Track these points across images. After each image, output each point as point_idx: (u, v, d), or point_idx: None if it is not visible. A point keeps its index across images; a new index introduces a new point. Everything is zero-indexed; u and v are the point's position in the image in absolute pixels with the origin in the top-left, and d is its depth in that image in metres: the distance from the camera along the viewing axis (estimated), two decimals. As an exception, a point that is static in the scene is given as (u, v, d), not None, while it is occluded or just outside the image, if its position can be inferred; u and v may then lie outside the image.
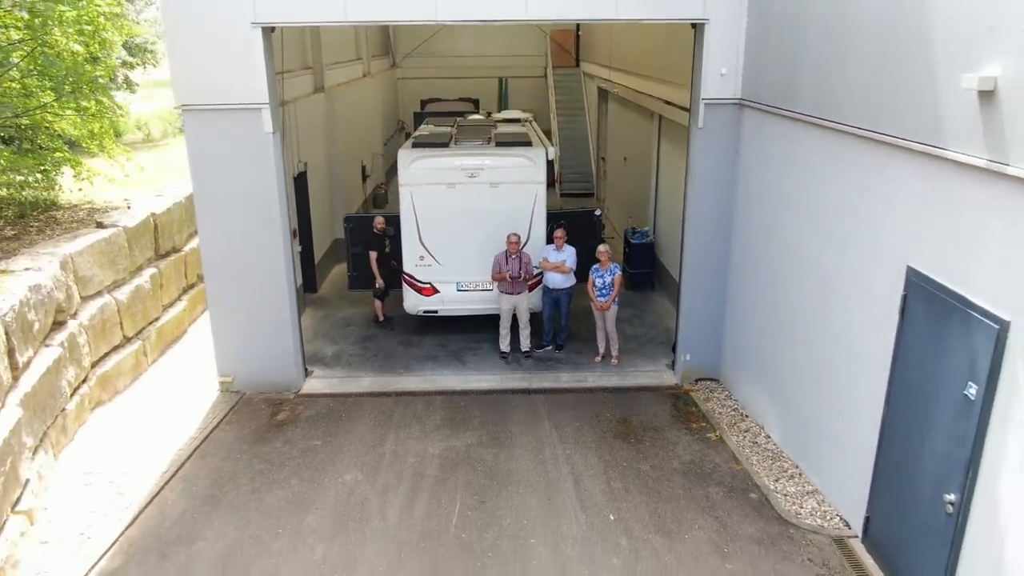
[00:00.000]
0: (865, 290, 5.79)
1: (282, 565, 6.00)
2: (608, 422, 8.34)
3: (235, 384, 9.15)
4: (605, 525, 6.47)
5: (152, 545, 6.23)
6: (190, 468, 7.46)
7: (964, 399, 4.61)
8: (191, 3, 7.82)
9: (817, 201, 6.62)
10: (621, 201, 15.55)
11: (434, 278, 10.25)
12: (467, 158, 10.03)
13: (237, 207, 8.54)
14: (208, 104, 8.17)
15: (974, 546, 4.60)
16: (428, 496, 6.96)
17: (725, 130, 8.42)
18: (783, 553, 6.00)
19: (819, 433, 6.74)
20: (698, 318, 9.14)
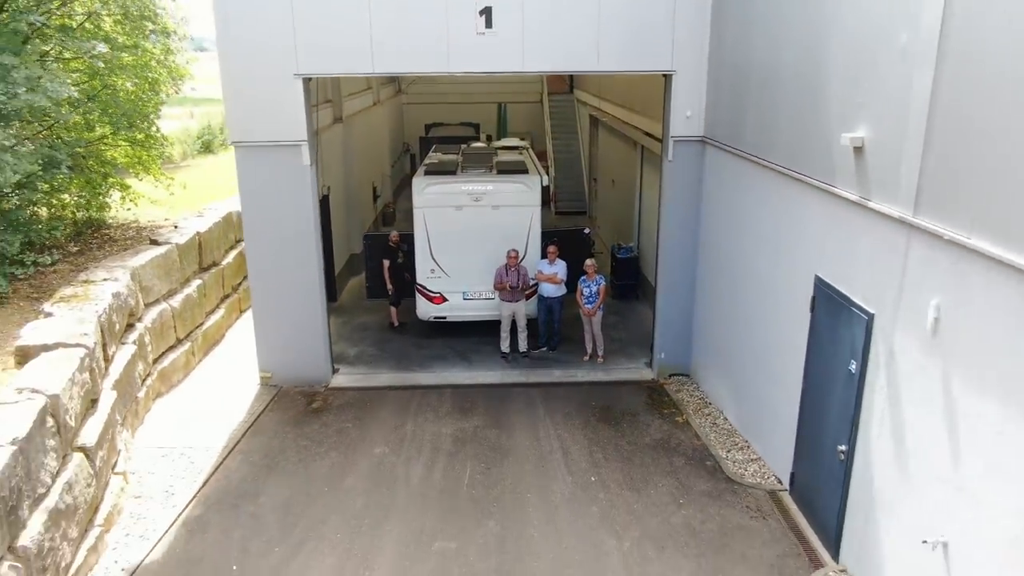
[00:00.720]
0: (790, 293, 7.50)
1: (331, 513, 7.65)
2: (593, 409, 10.01)
3: (273, 379, 10.81)
4: (587, 484, 8.13)
5: (224, 499, 7.89)
6: (244, 444, 9.11)
7: (848, 373, 6.31)
8: (245, 58, 9.57)
9: (758, 223, 8.36)
10: (610, 219, 17.31)
11: (443, 288, 11.96)
12: (472, 184, 11.78)
13: (278, 227, 10.24)
14: (257, 141, 9.90)
15: (857, 481, 6.28)
16: (444, 464, 8.62)
17: (690, 162, 10.19)
18: (726, 502, 7.68)
19: (762, 412, 8.44)
20: (671, 322, 10.85)
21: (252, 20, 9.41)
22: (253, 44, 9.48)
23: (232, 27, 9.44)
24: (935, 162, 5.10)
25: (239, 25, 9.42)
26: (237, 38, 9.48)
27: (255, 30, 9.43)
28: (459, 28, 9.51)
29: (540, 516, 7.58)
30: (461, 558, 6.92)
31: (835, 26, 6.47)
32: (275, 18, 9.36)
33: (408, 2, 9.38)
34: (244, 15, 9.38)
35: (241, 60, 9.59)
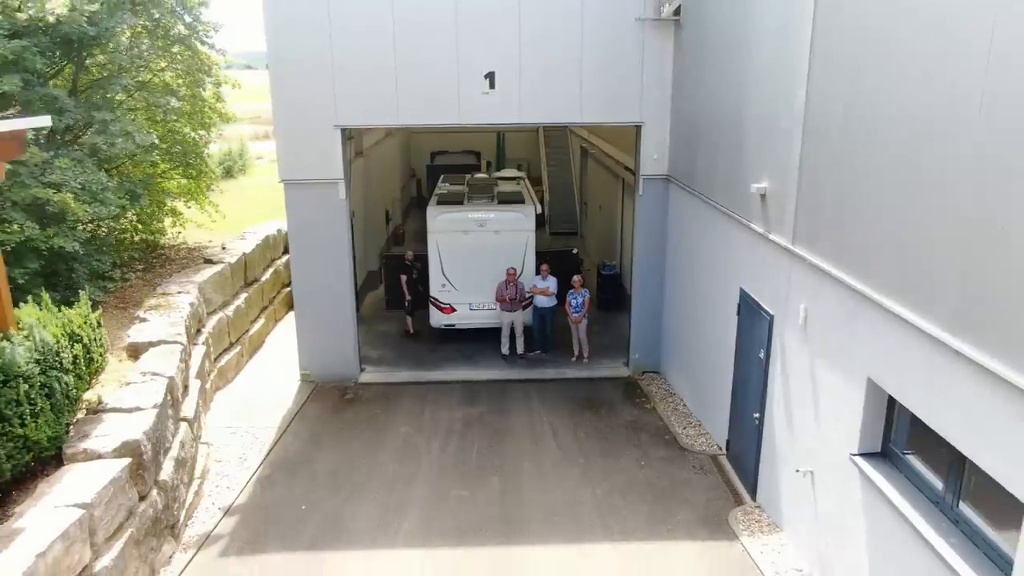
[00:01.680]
0: (724, 302, 9.92)
1: (370, 477, 9.99)
2: (578, 400, 12.39)
3: (311, 376, 13.19)
4: (571, 455, 10.49)
5: (285, 464, 10.25)
6: (295, 426, 11.48)
7: (759, 359, 8.72)
8: (294, 112, 12.03)
9: (704, 248, 10.80)
10: (597, 240, 19.77)
11: (453, 300, 14.38)
12: (477, 213, 14.24)
13: (319, 250, 12.66)
14: (303, 179, 12.34)
15: (766, 439, 8.67)
16: (456, 441, 10.98)
17: (657, 196, 12.65)
18: (678, 464, 10.06)
19: (707, 396, 10.82)
20: (644, 328, 13.26)
21: (300, 81, 11.87)
22: (300, 101, 11.94)
23: (284, 87, 11.92)
24: (802, 209, 7.55)
25: (289, 85, 11.89)
26: (288, 96, 11.95)
27: (302, 89, 11.89)
28: (468, 88, 12.00)
29: (533, 476, 9.94)
30: (472, 504, 9.27)
31: (750, 100, 8.94)
32: (319, 80, 11.83)
33: (427, 68, 11.86)
34: (294, 77, 11.84)
35: (291, 114, 12.05)
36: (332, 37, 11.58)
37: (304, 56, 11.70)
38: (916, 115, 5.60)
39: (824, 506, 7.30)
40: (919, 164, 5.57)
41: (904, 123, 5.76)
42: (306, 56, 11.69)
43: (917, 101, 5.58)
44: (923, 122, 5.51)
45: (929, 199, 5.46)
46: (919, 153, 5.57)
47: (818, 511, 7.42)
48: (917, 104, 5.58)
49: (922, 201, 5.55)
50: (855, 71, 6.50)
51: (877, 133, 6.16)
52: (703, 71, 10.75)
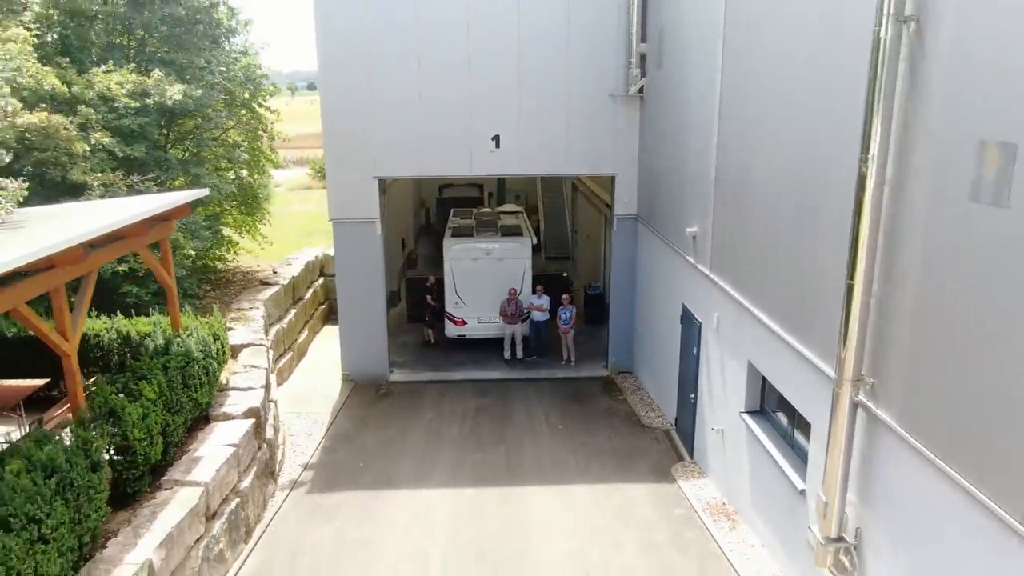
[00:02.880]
0: (672, 315, 13.53)
1: (405, 447, 13.53)
2: (566, 394, 15.96)
3: (351, 376, 16.75)
4: (558, 432, 14.06)
5: (341, 438, 13.81)
6: (343, 413, 15.04)
7: (694, 355, 12.34)
8: (343, 166, 15.69)
9: (661, 273, 14.45)
10: (585, 264, 23.45)
11: (464, 314, 17.98)
12: (484, 243, 17.89)
13: (358, 274, 16.28)
14: (347, 218, 16.00)
15: (699, 412, 12.26)
16: (470, 424, 14.54)
17: (629, 232, 16.32)
18: (638, 437, 13.64)
19: (664, 386, 14.41)
20: (619, 337, 16.87)
21: (347, 143, 15.54)
22: (348, 158, 15.62)
23: (335, 148, 15.61)
24: (715, 246, 11.22)
25: (339, 147, 15.58)
26: (338, 154, 15.64)
27: (349, 150, 15.56)
28: (479, 147, 15.69)
29: (530, 446, 13.51)
30: (485, 463, 12.82)
31: (686, 161, 12.61)
32: (362, 143, 15.51)
33: (446, 132, 15.54)
34: (343, 141, 15.52)
35: (340, 168, 15.74)
36: (373, 111, 15.28)
37: (351, 127, 15.39)
38: (767, 186, 9.28)
39: (729, 453, 10.89)
40: (770, 218, 9.24)
41: (760, 190, 9.45)
42: (353, 126, 15.38)
43: (767, 176, 9.26)
44: (771, 189, 9.19)
45: (775, 241, 9.12)
46: (770, 210, 9.24)
47: (726, 457, 11.01)
48: (767, 179, 9.26)
49: (770, 243, 9.21)
50: (739, 146, 10.20)
51: (748, 195, 9.84)
52: (658, 135, 14.48)
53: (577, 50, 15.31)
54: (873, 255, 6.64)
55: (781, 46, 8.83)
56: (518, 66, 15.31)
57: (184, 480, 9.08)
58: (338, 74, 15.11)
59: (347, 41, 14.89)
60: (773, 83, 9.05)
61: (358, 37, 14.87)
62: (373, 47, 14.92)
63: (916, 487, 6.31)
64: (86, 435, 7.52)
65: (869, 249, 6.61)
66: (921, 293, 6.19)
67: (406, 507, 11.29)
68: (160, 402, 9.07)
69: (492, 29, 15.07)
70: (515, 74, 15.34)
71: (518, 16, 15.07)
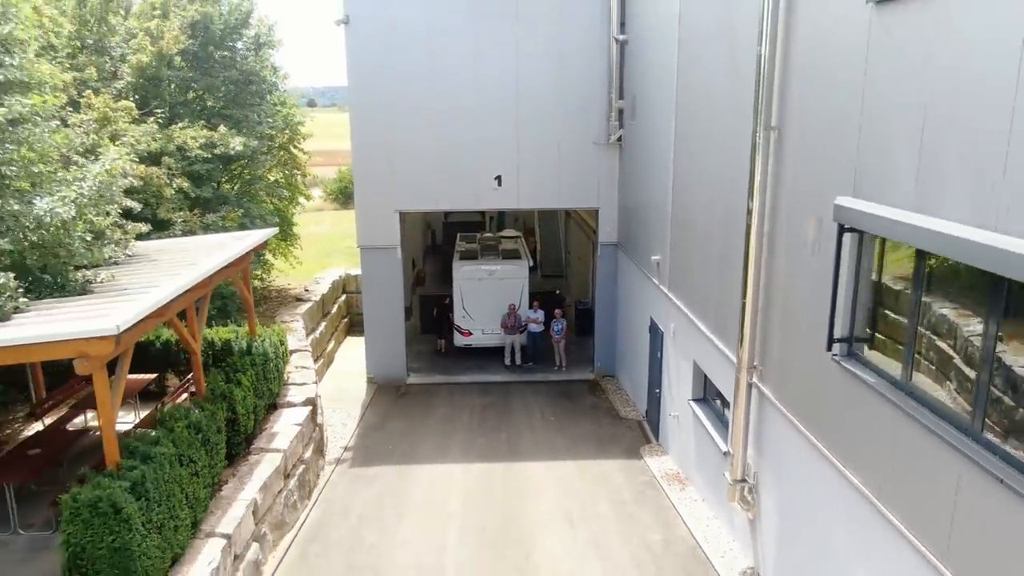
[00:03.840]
0: (643, 326, 16.91)
1: (425, 433, 16.87)
2: (557, 393, 19.31)
3: (375, 379, 20.09)
4: (550, 423, 17.41)
5: (372, 427, 17.14)
6: (371, 408, 18.38)
7: (658, 358, 15.71)
8: (370, 201, 19.11)
9: (635, 292, 17.84)
10: (576, 282, 26.86)
11: (470, 326, 21.34)
12: (487, 264, 21.28)
13: (381, 292, 19.66)
14: (373, 245, 19.40)
15: (663, 404, 15.62)
16: (477, 417, 17.87)
17: (611, 257, 19.75)
18: (616, 426, 17.00)
19: (637, 386, 17.76)
20: (604, 345, 20.25)
21: (374, 183, 18.96)
22: (374, 195, 19.03)
23: (363, 186, 19.03)
24: (672, 270, 14.62)
25: (367, 185, 19.00)
26: (365, 192, 19.06)
27: (375, 188, 18.97)
28: (484, 186, 19.11)
29: (527, 433, 16.84)
30: (490, 445, 16.14)
31: (652, 198, 16.02)
32: (386, 182, 18.91)
33: (456, 174, 18.95)
34: (370, 180, 18.93)
35: (367, 202, 19.14)
36: (395, 156, 18.69)
37: (377, 169, 18.81)
38: (703, 226, 12.68)
39: (682, 434, 14.22)
40: (705, 250, 12.63)
41: (699, 227, 12.85)
42: (378, 168, 18.80)
43: (702, 218, 12.67)
44: (705, 228, 12.59)
45: (708, 268, 12.51)
46: (705, 244, 12.64)
47: (680, 437, 14.35)
48: (703, 220, 12.68)
49: (705, 269, 12.61)
50: (686, 191, 13.61)
51: (692, 231, 13.25)
52: (632, 177, 17.91)
53: (567, 105, 18.78)
54: (757, 283, 10.03)
55: (707, 123, 12.25)
56: (517, 118, 18.77)
57: (268, 448, 12.42)
58: (366, 125, 18.54)
59: (374, 99, 18.33)
60: (704, 146, 12.48)
61: (383, 96, 18.31)
62: (396, 103, 18.36)
63: (786, 440, 9.66)
64: (213, 408, 10.87)
65: (754, 279, 10.00)
66: (783, 309, 9.58)
67: (429, 476, 14.60)
68: (251, 389, 12.42)
69: (496, 88, 18.53)
70: (515, 125, 18.79)
71: (516, 77, 18.54)
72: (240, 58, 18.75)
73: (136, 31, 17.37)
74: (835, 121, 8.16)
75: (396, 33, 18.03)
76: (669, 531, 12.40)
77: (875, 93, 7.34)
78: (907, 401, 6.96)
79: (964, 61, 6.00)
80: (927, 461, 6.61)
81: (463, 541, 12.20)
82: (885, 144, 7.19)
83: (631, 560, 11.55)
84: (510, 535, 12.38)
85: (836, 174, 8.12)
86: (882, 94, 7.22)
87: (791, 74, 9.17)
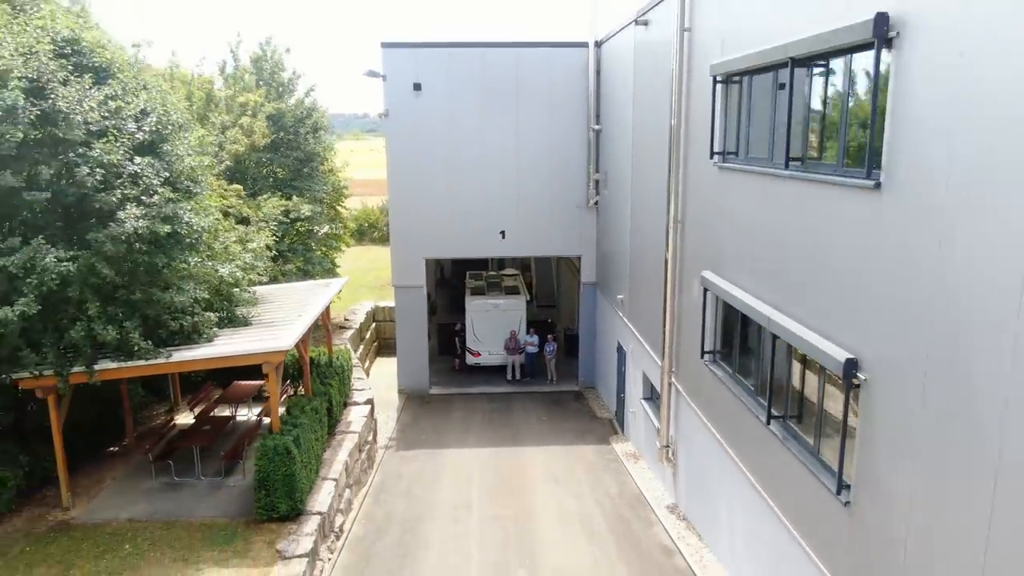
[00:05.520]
0: (612, 348, 23.26)
1: (448, 429, 23.16)
2: (549, 401, 25.64)
3: (404, 390, 26.40)
4: (543, 422, 23.72)
5: (406, 425, 23.46)
6: (404, 412, 24.70)
7: (622, 372, 22.06)
8: (403, 250, 25.53)
9: (608, 322, 24.23)
10: (565, 312, 33.28)
11: (479, 348, 27.68)
12: (493, 299, 27.69)
13: (410, 321, 26.04)
14: (405, 285, 25.80)
15: (625, 404, 21.94)
16: (487, 418, 24.19)
17: (591, 294, 26.19)
18: (593, 423, 23.34)
19: (609, 394, 24.09)
20: (586, 364, 26.63)
21: (406, 238, 25.38)
22: (405, 244, 25.46)
23: (398, 239, 25.47)
24: (630, 303, 21.02)
25: (400, 237, 25.42)
26: (399, 243, 25.49)
27: (407, 241, 25.40)
28: (491, 238, 25.59)
29: (525, 428, 23.15)
30: (498, 437, 22.44)
31: (620, 247, 22.42)
32: (415, 236, 25.34)
33: (469, 229, 25.40)
34: (402, 235, 25.36)
35: (400, 251, 25.56)
36: (422, 216, 25.14)
37: (408, 226, 25.27)
38: (646, 269, 19.09)
39: (639, 424, 20.51)
40: (650, 288, 19.01)
41: (644, 272, 19.26)
42: (409, 226, 25.26)
43: (646, 265, 19.09)
44: (645, 272, 19.00)
45: (649, 302, 18.90)
46: (649, 284, 19.04)
47: (638, 428, 20.65)
48: (646, 267, 19.10)
49: (647, 302, 19.00)
50: (638, 246, 20.03)
51: (640, 275, 19.66)
52: (605, 232, 24.38)
53: (555, 177, 25.31)
54: (672, 314, 16.40)
55: (647, 200, 18.66)
56: (517, 187, 25.27)
57: (347, 431, 18.70)
58: (400, 191, 25.01)
59: (406, 172, 24.82)
60: (646, 217, 18.88)
61: (413, 169, 24.81)
62: (423, 175, 24.85)
63: (688, 416, 15.97)
64: (319, 402, 17.16)
65: (670, 311, 16.38)
66: (684, 332, 15.95)
67: (453, 456, 20.85)
68: (337, 390, 18.71)
69: (500, 165, 25.05)
70: (515, 192, 25.29)
71: (517, 156, 25.08)
72: (303, 141, 25.25)
73: (229, 124, 23.88)
74: (704, 224, 14.62)
75: (423, 123, 24.57)
76: (623, 486, 18.68)
77: (717, 211, 13.80)
78: (734, 386, 13.31)
79: (744, 203, 12.45)
80: (743, 419, 12.96)
81: (481, 493, 18.44)
82: (721, 244, 13.64)
83: (595, 502, 17.81)
84: (514, 489, 18.63)
85: (706, 256, 14.54)
86: (720, 212, 13.67)
87: (687, 188, 15.63)
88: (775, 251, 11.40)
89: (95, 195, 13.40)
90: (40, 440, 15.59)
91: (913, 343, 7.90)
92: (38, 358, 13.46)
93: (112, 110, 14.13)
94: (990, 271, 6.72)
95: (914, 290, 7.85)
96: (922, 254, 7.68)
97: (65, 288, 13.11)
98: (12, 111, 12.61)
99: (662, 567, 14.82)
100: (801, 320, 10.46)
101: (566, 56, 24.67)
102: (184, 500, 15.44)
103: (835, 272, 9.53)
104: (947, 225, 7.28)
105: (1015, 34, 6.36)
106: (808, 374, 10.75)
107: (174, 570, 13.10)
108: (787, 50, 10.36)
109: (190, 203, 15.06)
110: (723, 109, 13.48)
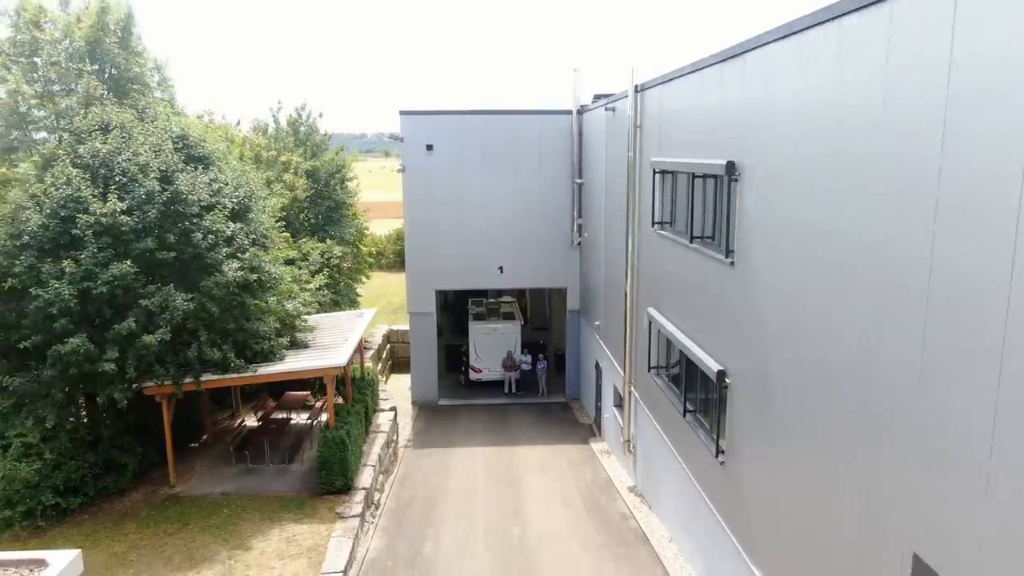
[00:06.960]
0: (592, 366, 28.91)
1: (455, 432, 28.81)
2: (540, 411, 31.28)
3: (417, 401, 32.01)
4: (535, 427, 29.36)
5: (421, 430, 29.12)
6: (418, 419, 30.39)
7: (599, 384, 27.71)
8: (416, 282, 31.24)
9: (589, 345, 29.91)
10: (556, 334, 38.95)
11: (481, 366, 33.34)
12: (493, 323, 33.39)
13: (423, 342, 31.72)
14: (418, 312, 31.51)
15: (602, 411, 27.57)
16: (488, 424, 29.84)
17: (575, 321, 31.92)
18: (576, 427, 29.02)
19: (590, 403, 29.74)
20: (572, 378, 32.32)
21: (419, 270, 31.10)
22: (419, 278, 31.19)
23: (413, 273, 31.18)
24: (604, 328, 26.69)
25: (415, 271, 31.12)
26: (414, 276, 31.20)
27: (419, 273, 31.13)
28: (491, 272, 31.37)
29: (519, 432, 28.79)
30: (497, 439, 28.08)
31: (597, 279, 28.09)
32: (428, 271, 31.04)
33: (472, 264, 31.15)
34: (416, 268, 31.08)
35: (415, 283, 31.28)
36: (433, 253, 30.84)
37: (421, 263, 30.96)
38: (614, 300, 24.78)
39: (611, 427, 26.10)
40: (616, 315, 24.67)
41: (614, 301, 24.94)
42: (422, 263, 30.97)
43: (614, 295, 24.77)
44: (612, 301, 24.69)
45: (617, 326, 24.58)
46: (615, 310, 24.72)
47: (610, 429, 26.25)
48: (614, 297, 24.78)
49: (614, 326, 24.67)
50: (611, 278, 25.72)
51: (611, 304, 25.33)
52: (587, 268, 30.09)
53: (546, 222, 31.09)
54: (631, 336, 22.05)
55: (617, 243, 24.33)
56: (514, 229, 31.05)
57: (378, 431, 24.33)
58: (414, 232, 30.74)
59: (419, 217, 30.57)
60: (615, 257, 24.55)
61: (425, 215, 30.57)
62: (434, 219, 30.59)
63: (642, 415, 21.60)
64: (359, 408, 22.76)
65: (629, 334, 22.06)
66: (637, 351, 21.61)
67: (461, 454, 26.44)
68: (371, 399, 24.33)
69: (499, 211, 30.82)
70: (512, 234, 31.05)
71: (513, 204, 30.86)
72: (332, 191, 31.02)
73: (272, 179, 29.62)
74: (649, 272, 20.34)
75: (435, 177, 30.36)
76: (596, 474, 24.28)
77: (656, 264, 19.51)
78: (667, 391, 18.94)
79: (670, 260, 18.17)
80: (672, 414, 18.59)
81: (485, 480, 24.00)
82: (659, 288, 19.33)
83: (574, 486, 23.40)
84: (511, 477, 24.20)
85: (650, 296, 20.23)
86: (658, 265, 19.36)
87: (640, 243, 21.31)
88: (686, 295, 17.11)
89: (207, 253, 19.10)
90: (143, 435, 21.21)
91: (747, 359, 13.57)
92: (164, 372, 19.09)
93: (215, 190, 19.87)
94: (783, 312, 12.39)
95: (747, 325, 13.53)
96: (750, 303, 13.37)
97: (185, 321, 18.77)
98: (151, 195, 18.35)
99: (619, 527, 20.41)
100: (698, 343, 16.15)
101: (554, 121, 30.53)
102: (260, 480, 21.05)
103: (713, 311, 15.24)
104: (761, 284, 12.98)
105: (793, 176, 12.10)
106: (707, 380, 16.40)
107: (265, 525, 18.70)
108: (690, 167, 16.11)
109: (267, 255, 20.78)
110: (660, 191, 19.20)
